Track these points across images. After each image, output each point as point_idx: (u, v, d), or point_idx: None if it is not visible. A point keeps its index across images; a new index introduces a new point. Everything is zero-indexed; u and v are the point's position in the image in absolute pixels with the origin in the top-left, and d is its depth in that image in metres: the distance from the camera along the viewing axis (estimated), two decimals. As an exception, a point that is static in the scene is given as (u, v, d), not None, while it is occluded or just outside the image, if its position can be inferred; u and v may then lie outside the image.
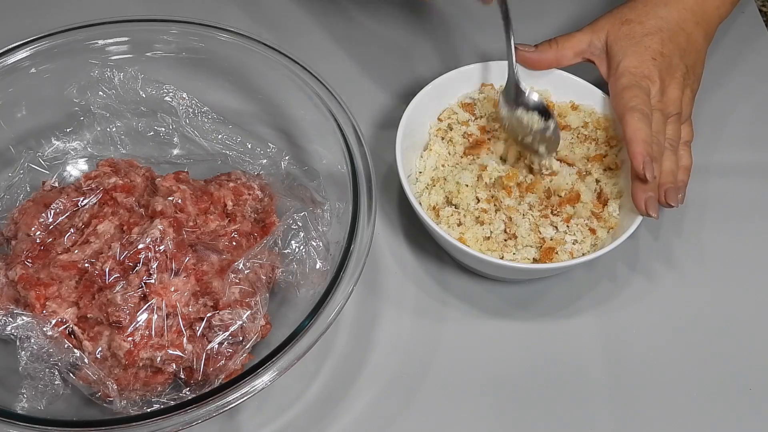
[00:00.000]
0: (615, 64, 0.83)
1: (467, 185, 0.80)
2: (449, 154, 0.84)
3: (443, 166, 0.83)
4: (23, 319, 0.68)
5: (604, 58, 0.84)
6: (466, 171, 0.81)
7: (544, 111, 0.82)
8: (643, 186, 0.76)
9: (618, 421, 0.75)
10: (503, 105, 0.83)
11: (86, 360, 0.68)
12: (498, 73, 0.86)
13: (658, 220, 0.85)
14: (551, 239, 0.78)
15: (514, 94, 0.83)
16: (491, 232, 0.78)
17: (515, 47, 0.83)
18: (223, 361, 0.70)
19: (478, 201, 0.80)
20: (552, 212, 0.79)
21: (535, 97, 0.82)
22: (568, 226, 0.78)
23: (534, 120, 0.82)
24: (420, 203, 0.79)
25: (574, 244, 0.78)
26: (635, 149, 0.77)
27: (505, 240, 0.78)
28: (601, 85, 0.86)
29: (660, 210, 0.77)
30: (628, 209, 0.79)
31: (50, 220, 0.74)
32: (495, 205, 0.79)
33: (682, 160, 0.81)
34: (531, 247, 0.78)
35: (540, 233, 0.78)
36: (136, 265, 0.70)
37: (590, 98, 0.86)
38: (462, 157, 0.83)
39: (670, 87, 0.81)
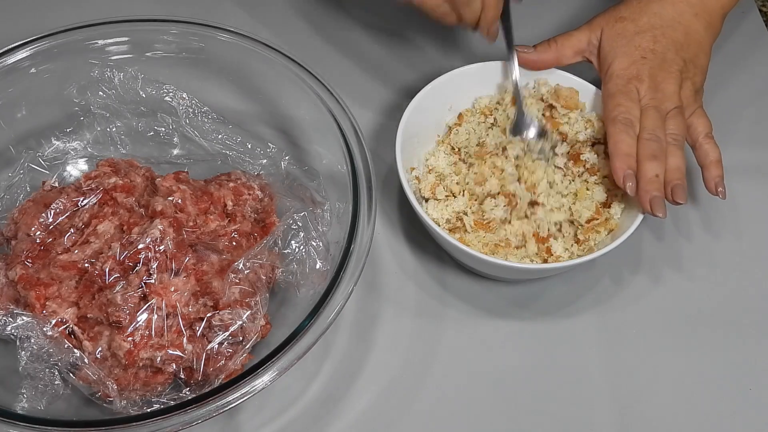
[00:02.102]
0: (606, 65, 0.82)
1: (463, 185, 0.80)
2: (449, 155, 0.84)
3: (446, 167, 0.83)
4: (23, 319, 0.68)
5: (598, 58, 0.84)
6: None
7: (543, 133, 0.84)
8: (647, 186, 0.76)
9: (618, 421, 0.75)
10: (511, 136, 0.84)
11: (86, 360, 0.68)
12: (500, 72, 0.86)
13: (661, 221, 0.85)
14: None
15: (520, 125, 0.84)
16: (495, 243, 0.79)
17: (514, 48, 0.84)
18: (223, 361, 0.70)
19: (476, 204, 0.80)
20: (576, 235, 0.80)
21: (535, 129, 0.84)
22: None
23: (538, 145, 0.83)
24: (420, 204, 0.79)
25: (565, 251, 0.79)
26: (615, 164, 0.77)
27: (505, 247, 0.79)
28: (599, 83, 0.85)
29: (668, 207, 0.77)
30: (628, 210, 0.79)
31: (50, 220, 0.74)
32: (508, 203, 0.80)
33: (710, 155, 0.80)
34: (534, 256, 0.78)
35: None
36: (136, 265, 0.70)
37: (590, 98, 0.86)
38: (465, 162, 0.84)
39: (665, 82, 0.80)
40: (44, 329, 0.68)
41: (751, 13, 1.02)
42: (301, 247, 0.74)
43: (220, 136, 0.82)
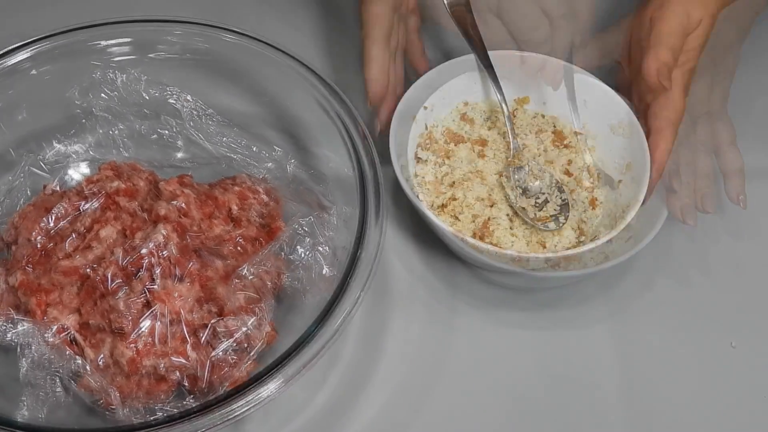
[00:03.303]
0: (636, 66, 0.81)
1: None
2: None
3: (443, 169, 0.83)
4: (24, 326, 0.68)
5: (628, 59, 0.83)
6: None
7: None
8: (677, 194, 0.75)
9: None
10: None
11: (88, 368, 0.68)
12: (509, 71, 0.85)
13: (674, 228, 0.84)
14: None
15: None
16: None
17: None
18: (227, 369, 0.69)
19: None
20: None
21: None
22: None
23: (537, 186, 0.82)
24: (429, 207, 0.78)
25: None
26: (657, 168, 0.76)
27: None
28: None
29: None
30: (646, 218, 0.78)
31: (51, 224, 0.73)
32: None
33: (733, 163, 0.80)
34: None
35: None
36: (139, 271, 0.70)
37: (607, 102, 0.85)
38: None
39: (695, 86, 0.80)
40: (45, 336, 0.68)
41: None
42: (308, 252, 0.73)
43: (224, 139, 0.82)
